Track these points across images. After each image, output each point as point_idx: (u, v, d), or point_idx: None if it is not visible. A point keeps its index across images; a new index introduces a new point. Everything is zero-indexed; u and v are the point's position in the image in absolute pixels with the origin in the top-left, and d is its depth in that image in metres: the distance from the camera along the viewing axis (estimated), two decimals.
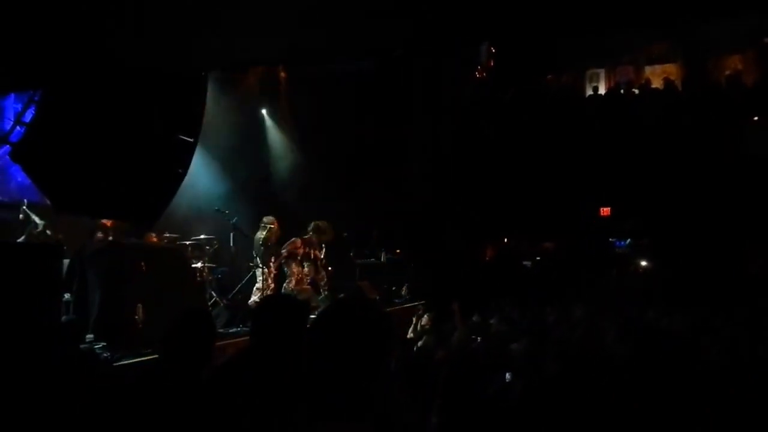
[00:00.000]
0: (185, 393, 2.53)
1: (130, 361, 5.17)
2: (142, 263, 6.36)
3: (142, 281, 6.31)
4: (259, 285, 8.76)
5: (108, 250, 6.58)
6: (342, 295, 9.05)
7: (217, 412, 2.43)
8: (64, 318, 5.67)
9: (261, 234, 8.81)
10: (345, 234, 10.92)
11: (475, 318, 7.24)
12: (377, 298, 9.75)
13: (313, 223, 9.40)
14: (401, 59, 9.60)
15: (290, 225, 9.62)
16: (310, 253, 9.44)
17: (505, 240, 14.58)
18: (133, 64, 5.45)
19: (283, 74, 12.24)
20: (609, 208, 13.19)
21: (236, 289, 9.02)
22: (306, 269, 9.44)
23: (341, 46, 5.06)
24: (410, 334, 7.01)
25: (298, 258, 9.16)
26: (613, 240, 13.83)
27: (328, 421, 1.74)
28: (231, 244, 8.98)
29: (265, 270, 8.76)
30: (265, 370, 2.51)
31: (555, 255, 13.76)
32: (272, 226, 8.94)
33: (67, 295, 6.04)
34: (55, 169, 5.47)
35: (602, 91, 15.07)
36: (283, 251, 9.03)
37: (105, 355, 5.32)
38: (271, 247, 8.95)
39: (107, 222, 7.45)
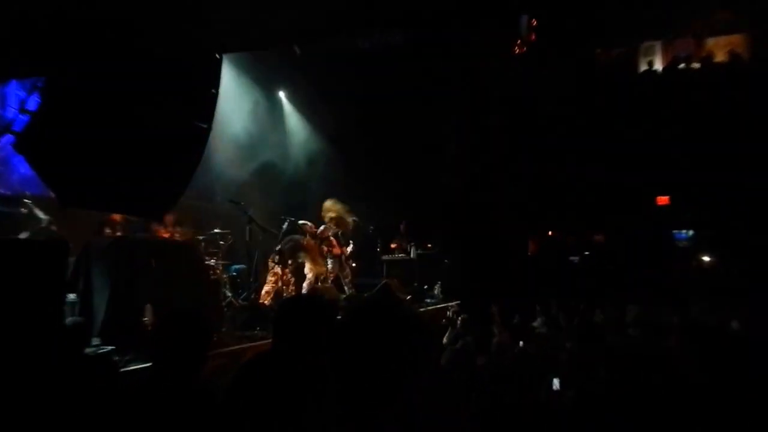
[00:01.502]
0: (174, 402, 2.55)
1: (139, 366, 5.20)
2: (152, 261, 6.45)
3: (152, 280, 6.36)
4: (268, 287, 8.87)
5: (116, 246, 6.61)
6: (368, 294, 9.19)
7: (237, 417, 2.46)
8: (68, 320, 5.56)
9: (300, 240, 9.10)
10: (371, 227, 10.97)
11: (516, 320, 7.32)
12: (407, 297, 9.76)
13: (327, 207, 9.49)
14: (434, 32, 9.43)
15: (311, 217, 9.74)
16: (334, 248, 9.59)
17: (550, 233, 14.49)
18: (144, 47, 5.54)
19: (302, 53, 12.21)
20: (667, 197, 13.09)
21: (253, 288, 9.11)
22: (330, 266, 9.59)
23: (366, 14, 4.91)
24: (445, 339, 7.02)
25: (320, 251, 9.34)
26: (673, 232, 13.72)
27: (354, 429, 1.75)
28: (247, 239, 9.03)
29: (278, 270, 8.86)
30: (289, 374, 2.53)
31: (606, 249, 13.70)
32: (310, 228, 9.22)
33: (72, 296, 6.08)
34: (61, 161, 5.53)
35: (658, 66, 14.87)
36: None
37: (114, 359, 5.37)
38: (299, 255, 9.12)
39: (115, 217, 7.62)
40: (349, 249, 10.10)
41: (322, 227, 9.57)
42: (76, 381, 3.54)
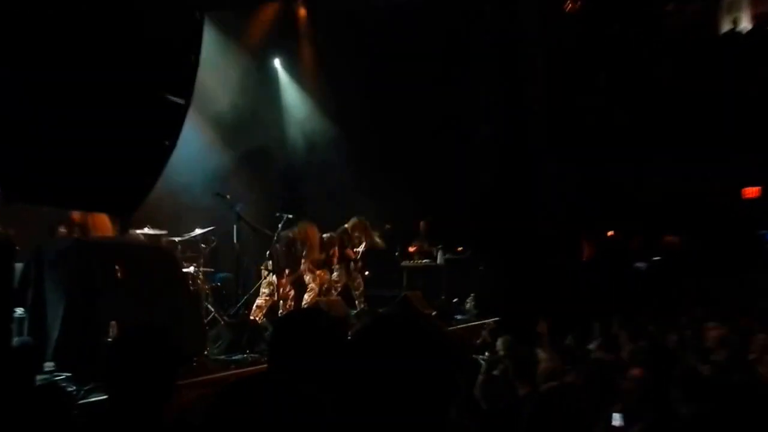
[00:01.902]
0: None
1: (101, 397, 5.14)
2: (118, 268, 6.41)
3: (117, 291, 6.34)
4: (260, 301, 8.96)
5: (73, 250, 6.57)
6: (383, 309, 9.12)
7: None
8: (15, 340, 5.63)
9: (289, 233, 9.20)
10: (387, 226, 10.94)
11: (568, 341, 7.41)
12: (432, 313, 9.76)
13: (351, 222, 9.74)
14: None
15: (311, 215, 9.84)
16: (341, 254, 9.68)
17: (609, 233, 14.52)
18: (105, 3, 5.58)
19: (303, 11, 12.32)
20: (757, 188, 13.15)
21: (241, 301, 9.16)
22: (336, 275, 9.67)
23: None
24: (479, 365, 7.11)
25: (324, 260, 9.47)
26: (763, 231, 13.67)
27: None
28: (234, 241, 9.08)
29: (273, 279, 8.91)
30: (280, 407, 2.46)
31: (680, 253, 13.66)
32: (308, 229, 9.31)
33: (19, 311, 6.02)
34: (5, 146, 5.53)
35: (746, 25, 14.85)
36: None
37: (69, 389, 5.32)
38: (296, 252, 9.19)
39: (74, 215, 7.58)
40: (360, 249, 10.17)
41: (328, 235, 9.71)
42: (22, 417, 3.52)
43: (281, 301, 8.98)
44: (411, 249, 11.98)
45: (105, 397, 4.85)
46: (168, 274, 7.36)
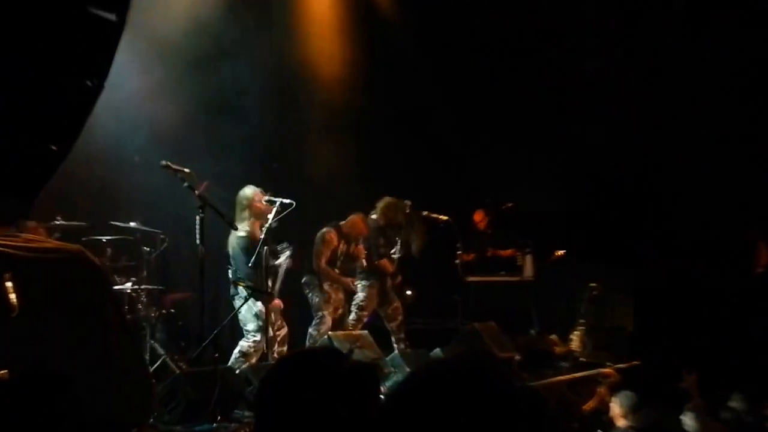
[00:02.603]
0: None
1: None
2: (8, 284, 6.34)
3: (7, 320, 6.27)
4: (250, 343, 9.06)
5: None
6: (437, 351, 9.10)
7: None
8: None
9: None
10: (443, 219, 10.76)
11: (735, 403, 7.37)
12: (515, 357, 9.79)
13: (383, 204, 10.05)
14: None
15: (313, 199, 9.95)
16: (369, 261, 9.87)
17: None
18: None
19: None
20: None
21: (209, 337, 8.76)
22: (361, 295, 9.80)
23: None
24: None
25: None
26: None
27: None
28: (197, 241, 8.73)
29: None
30: None
31: None
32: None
33: None
34: None
35: None
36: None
37: None
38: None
39: None
40: (394, 254, 10.21)
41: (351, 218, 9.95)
42: None
43: (274, 337, 9.08)
44: (466, 257, 11.67)
45: None
46: (86, 295, 7.19)
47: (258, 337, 9.09)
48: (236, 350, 9.08)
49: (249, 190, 9.42)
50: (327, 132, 12.46)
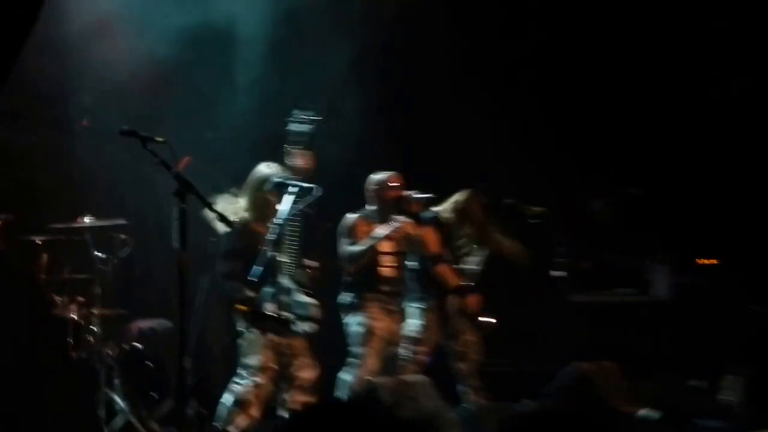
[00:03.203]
0: None
1: None
2: None
3: None
4: (253, 383, 7.81)
5: None
6: (527, 403, 7.87)
7: None
8: None
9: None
10: (536, 212, 9.64)
11: None
12: (640, 412, 8.57)
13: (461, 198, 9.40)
14: None
15: (336, 180, 8.89)
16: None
17: None
18: None
19: None
20: None
21: (195, 379, 8.24)
22: (420, 324, 8.91)
23: None
24: None
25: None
26: None
27: None
28: (176, 244, 7.26)
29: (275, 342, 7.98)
30: None
31: None
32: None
33: None
34: None
35: None
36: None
37: None
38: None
39: None
40: (475, 265, 9.16)
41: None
42: None
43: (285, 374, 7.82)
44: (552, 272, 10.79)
45: None
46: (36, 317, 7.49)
47: (259, 378, 7.77)
48: (225, 396, 7.72)
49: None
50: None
